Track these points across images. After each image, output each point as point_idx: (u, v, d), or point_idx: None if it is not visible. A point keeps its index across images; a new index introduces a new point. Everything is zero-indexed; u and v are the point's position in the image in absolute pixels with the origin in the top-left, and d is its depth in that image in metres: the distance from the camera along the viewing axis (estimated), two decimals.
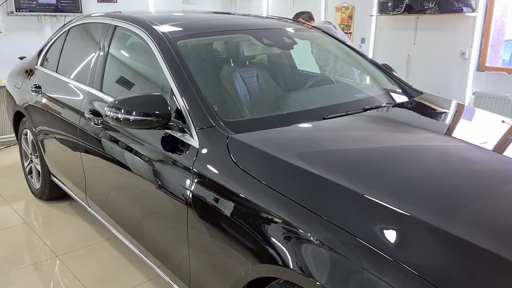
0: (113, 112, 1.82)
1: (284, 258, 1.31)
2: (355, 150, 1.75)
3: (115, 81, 2.52)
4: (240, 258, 1.48)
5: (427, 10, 4.62)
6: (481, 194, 1.44)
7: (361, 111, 2.07)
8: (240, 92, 2.29)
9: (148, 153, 1.97)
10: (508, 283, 1.10)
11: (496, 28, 4.52)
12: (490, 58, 4.56)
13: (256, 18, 2.99)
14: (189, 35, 2.34)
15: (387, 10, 5.01)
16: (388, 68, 2.77)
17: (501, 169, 1.67)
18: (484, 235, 1.21)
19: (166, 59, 2.05)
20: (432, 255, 1.17)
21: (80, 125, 2.52)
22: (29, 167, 3.63)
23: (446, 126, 2.17)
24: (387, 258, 1.14)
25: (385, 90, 2.47)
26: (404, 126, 2.08)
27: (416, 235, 1.24)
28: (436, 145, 1.85)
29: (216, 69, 2.46)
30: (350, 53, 2.82)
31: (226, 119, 1.86)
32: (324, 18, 5.88)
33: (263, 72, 2.53)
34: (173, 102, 1.92)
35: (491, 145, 1.88)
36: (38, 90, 3.11)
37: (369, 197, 1.35)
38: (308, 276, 1.23)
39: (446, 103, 2.48)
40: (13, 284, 2.50)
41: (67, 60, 3.06)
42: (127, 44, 2.61)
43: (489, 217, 1.32)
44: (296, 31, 2.79)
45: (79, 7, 5.44)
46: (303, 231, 1.30)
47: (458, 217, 1.31)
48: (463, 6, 4.42)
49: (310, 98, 2.38)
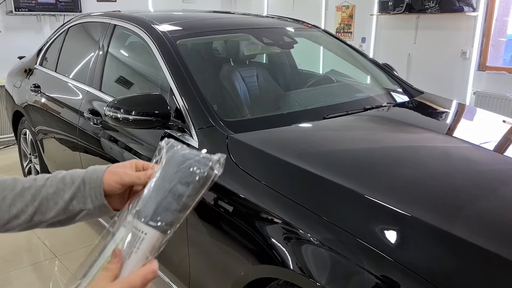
0: (113, 112, 1.81)
1: (284, 259, 1.30)
2: (355, 150, 1.74)
3: (115, 81, 2.51)
4: (240, 258, 1.48)
5: (428, 9, 4.61)
6: (482, 194, 1.44)
7: (362, 111, 2.06)
8: (240, 92, 2.28)
9: (147, 153, 1.97)
10: (508, 283, 1.09)
11: (497, 28, 4.51)
12: (491, 57, 4.54)
13: (256, 17, 2.98)
14: (189, 35, 2.33)
15: (388, 10, 4.99)
16: (389, 67, 2.76)
17: (502, 169, 1.66)
18: (484, 236, 1.21)
19: (166, 59, 2.04)
20: (432, 255, 1.17)
21: (79, 125, 2.51)
22: (28, 167, 3.62)
23: (447, 126, 2.17)
24: (388, 258, 1.14)
25: (386, 89, 2.46)
26: (404, 126, 2.07)
27: (417, 235, 1.24)
28: (436, 145, 1.84)
29: (216, 68, 2.45)
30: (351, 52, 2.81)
31: (226, 118, 1.85)
32: (325, 18, 5.88)
33: (263, 72, 2.52)
34: (173, 102, 1.91)
35: (492, 145, 1.88)
36: (37, 90, 3.10)
37: (369, 197, 1.34)
38: (308, 276, 1.23)
39: (447, 103, 2.47)
40: (12, 284, 2.49)
41: (66, 60, 3.06)
42: (127, 44, 2.61)
43: (489, 217, 1.32)
44: (296, 30, 2.78)
45: (78, 7, 5.42)
46: (303, 232, 1.29)
47: (458, 218, 1.31)
48: (464, 6, 4.41)
49: (310, 98, 2.37)
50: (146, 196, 0.68)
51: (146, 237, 0.66)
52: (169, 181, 0.68)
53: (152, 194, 0.68)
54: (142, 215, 0.66)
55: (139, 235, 0.66)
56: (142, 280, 0.65)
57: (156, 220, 0.66)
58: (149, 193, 0.68)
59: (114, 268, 0.65)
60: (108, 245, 0.68)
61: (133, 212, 0.67)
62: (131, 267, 0.66)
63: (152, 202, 0.67)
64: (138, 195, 0.70)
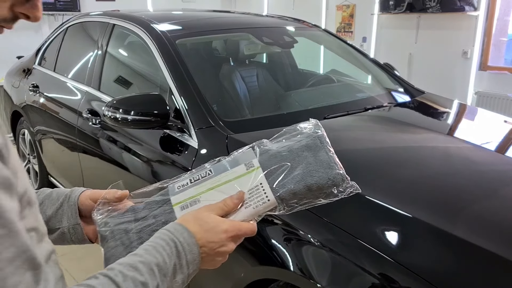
0: (111, 112, 1.80)
1: (285, 260, 1.30)
2: (356, 150, 1.73)
3: (113, 81, 2.50)
4: (239, 259, 1.46)
5: (429, 8, 4.60)
6: (483, 195, 1.44)
7: (363, 111, 2.05)
8: (239, 92, 2.27)
9: (146, 153, 1.95)
10: (508, 283, 1.09)
11: (498, 27, 4.49)
12: (492, 57, 4.53)
13: (256, 17, 2.97)
14: (188, 34, 2.32)
15: (389, 9, 4.98)
16: (390, 67, 2.75)
17: (503, 170, 1.65)
18: (485, 236, 1.21)
19: (165, 58, 2.03)
20: (433, 256, 1.17)
21: (78, 125, 2.50)
22: (27, 168, 3.61)
23: (448, 126, 2.16)
24: (389, 259, 1.13)
25: (387, 89, 2.45)
26: (405, 126, 2.06)
27: (417, 236, 1.24)
28: (437, 145, 1.83)
29: (216, 68, 2.44)
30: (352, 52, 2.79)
31: (226, 118, 1.84)
32: (325, 17, 5.87)
33: (263, 71, 2.51)
34: (172, 102, 1.90)
35: (493, 146, 1.87)
36: (35, 90, 3.09)
37: (370, 198, 1.33)
38: (308, 278, 1.22)
39: (448, 103, 2.46)
40: None
41: (65, 59, 3.04)
42: (126, 43, 2.59)
43: (490, 217, 1.31)
44: (296, 29, 2.77)
45: (77, 6, 5.41)
46: (304, 233, 1.28)
47: (459, 218, 1.30)
48: (465, 5, 4.39)
49: (310, 98, 2.36)
50: (289, 174, 0.74)
51: (268, 203, 0.73)
52: (307, 171, 0.74)
53: (292, 177, 0.73)
54: (277, 185, 0.73)
55: (263, 197, 0.72)
56: (246, 232, 0.71)
57: (282, 197, 0.73)
58: (292, 172, 0.74)
59: (231, 206, 0.71)
60: (223, 172, 0.75)
61: (270, 178, 0.74)
62: (241, 217, 0.72)
63: (290, 182, 0.73)
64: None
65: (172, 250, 0.65)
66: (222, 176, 0.75)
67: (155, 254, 0.63)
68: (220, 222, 0.69)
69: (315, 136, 0.77)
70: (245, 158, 0.76)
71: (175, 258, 0.65)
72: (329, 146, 0.77)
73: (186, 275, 0.66)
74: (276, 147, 0.77)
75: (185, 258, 0.65)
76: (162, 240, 0.66)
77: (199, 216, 0.69)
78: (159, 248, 0.64)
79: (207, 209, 0.70)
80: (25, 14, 0.60)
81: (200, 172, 0.76)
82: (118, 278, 0.60)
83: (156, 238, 0.67)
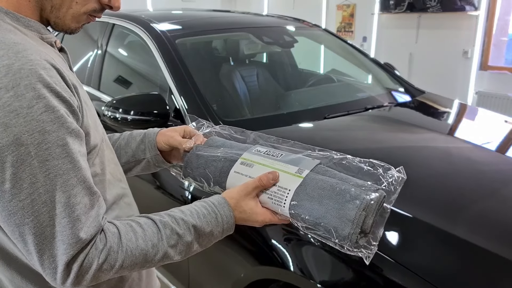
0: (111, 112, 1.80)
1: (284, 260, 1.30)
2: (356, 150, 1.72)
3: (113, 80, 2.49)
4: (239, 260, 1.47)
5: (429, 8, 4.60)
6: (483, 195, 1.43)
7: (363, 111, 2.05)
8: (239, 91, 2.26)
9: None
10: (508, 283, 1.10)
11: (499, 27, 4.49)
12: (492, 57, 4.53)
13: (256, 16, 2.96)
14: (188, 34, 2.32)
15: (389, 8, 4.98)
16: (390, 67, 2.75)
17: (504, 170, 1.65)
18: (485, 236, 1.21)
19: (165, 58, 2.03)
20: (433, 256, 1.17)
21: None
22: None
23: (449, 126, 2.15)
24: (389, 259, 1.13)
25: (387, 89, 2.45)
26: (406, 125, 2.05)
27: (418, 236, 1.24)
28: (438, 145, 1.83)
29: (216, 67, 2.43)
30: (352, 51, 2.79)
31: (226, 118, 1.84)
32: (325, 17, 5.86)
33: (263, 71, 2.51)
34: (172, 102, 1.90)
35: (493, 145, 1.87)
36: None
37: None
38: (308, 278, 1.22)
39: (448, 103, 2.45)
40: None
41: None
42: (125, 43, 2.59)
43: (491, 217, 1.31)
44: (296, 29, 2.77)
45: None
46: (304, 233, 1.27)
47: (460, 218, 1.30)
48: (466, 5, 4.39)
49: (311, 97, 2.36)
50: (313, 202, 0.78)
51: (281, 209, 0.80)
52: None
53: (312, 207, 0.78)
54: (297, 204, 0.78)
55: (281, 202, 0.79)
56: (268, 219, 0.82)
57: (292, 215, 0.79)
58: (317, 203, 0.78)
59: (266, 185, 0.81)
60: (284, 162, 0.84)
61: (300, 194, 0.79)
62: (267, 204, 0.81)
63: (306, 211, 0.78)
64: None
65: (212, 218, 0.80)
66: (282, 164, 0.84)
67: (195, 218, 0.78)
68: (253, 214, 0.82)
69: (364, 198, 0.75)
70: (305, 164, 0.85)
71: (213, 226, 0.79)
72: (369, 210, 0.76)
73: (220, 237, 0.82)
74: (332, 176, 0.83)
75: (222, 226, 0.80)
76: (205, 209, 0.80)
77: (240, 203, 0.82)
78: (200, 215, 0.79)
79: (245, 191, 0.81)
80: (109, 5, 0.82)
81: (276, 152, 0.89)
82: (159, 224, 0.75)
83: (201, 207, 0.81)
